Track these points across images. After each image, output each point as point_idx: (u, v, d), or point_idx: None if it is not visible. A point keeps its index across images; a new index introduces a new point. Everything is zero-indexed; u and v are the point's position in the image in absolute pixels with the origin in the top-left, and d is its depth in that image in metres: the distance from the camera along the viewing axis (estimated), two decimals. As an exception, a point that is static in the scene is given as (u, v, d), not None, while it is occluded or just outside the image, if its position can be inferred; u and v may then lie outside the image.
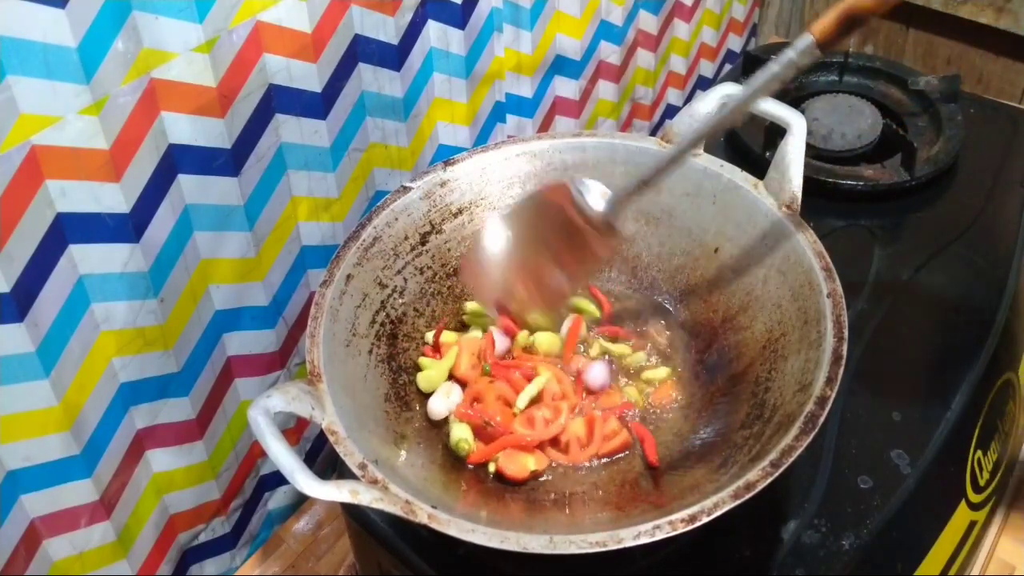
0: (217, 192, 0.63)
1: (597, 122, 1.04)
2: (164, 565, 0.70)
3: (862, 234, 0.77)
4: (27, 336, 0.53)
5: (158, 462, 0.67)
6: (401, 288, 0.62)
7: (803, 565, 0.55)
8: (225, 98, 0.60)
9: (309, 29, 0.64)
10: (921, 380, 0.66)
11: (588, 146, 0.67)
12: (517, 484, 0.56)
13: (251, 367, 0.73)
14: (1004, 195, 0.81)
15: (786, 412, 0.50)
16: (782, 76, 0.52)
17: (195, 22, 0.56)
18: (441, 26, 0.77)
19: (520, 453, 0.56)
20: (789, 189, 0.60)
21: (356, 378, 0.56)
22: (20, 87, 0.48)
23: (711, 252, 0.64)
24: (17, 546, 0.57)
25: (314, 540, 0.79)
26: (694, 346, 0.63)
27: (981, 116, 0.90)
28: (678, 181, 0.65)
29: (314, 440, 0.83)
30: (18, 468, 0.56)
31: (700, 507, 0.44)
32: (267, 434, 0.45)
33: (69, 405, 0.57)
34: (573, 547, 0.43)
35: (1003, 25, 1.14)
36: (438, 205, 0.65)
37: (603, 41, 0.99)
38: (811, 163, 0.81)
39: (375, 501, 0.44)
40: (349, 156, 0.73)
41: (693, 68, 1.20)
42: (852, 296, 0.70)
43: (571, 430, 0.58)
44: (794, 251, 0.58)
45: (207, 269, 0.65)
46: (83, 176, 0.53)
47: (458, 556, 0.56)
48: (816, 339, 0.53)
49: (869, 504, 0.58)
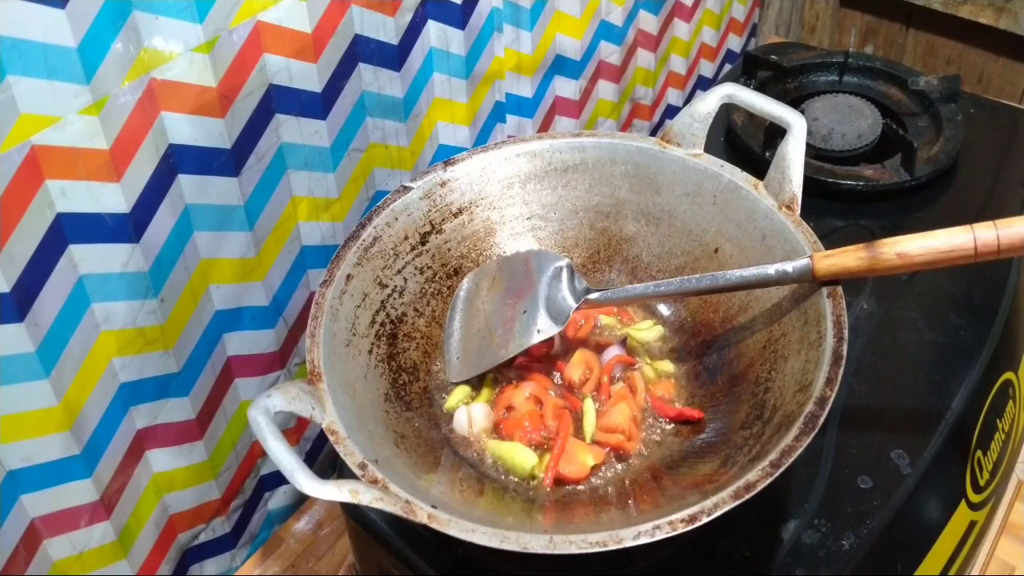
0: (217, 192, 0.63)
1: (597, 122, 1.04)
2: (164, 565, 0.70)
3: (862, 234, 0.77)
4: (27, 336, 0.53)
5: (158, 462, 0.67)
6: (401, 288, 0.62)
7: (803, 565, 0.55)
8: (225, 98, 0.60)
9: (309, 29, 0.64)
10: (921, 380, 0.66)
11: (588, 146, 0.67)
12: (575, 484, 0.55)
13: (251, 367, 0.73)
14: (1004, 195, 0.81)
15: (786, 412, 0.50)
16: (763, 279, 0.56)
17: (195, 22, 0.56)
18: (441, 26, 0.77)
19: (575, 451, 0.56)
20: (789, 189, 0.60)
21: (356, 378, 0.56)
22: (20, 87, 0.48)
23: (711, 252, 0.64)
24: (17, 546, 0.57)
25: (314, 540, 0.79)
26: (694, 346, 0.63)
27: (981, 116, 0.90)
28: (678, 181, 0.65)
29: (314, 440, 0.83)
30: (18, 468, 0.56)
31: (700, 507, 0.44)
32: (267, 434, 0.45)
33: (69, 405, 0.57)
34: (573, 547, 0.43)
35: (1003, 25, 1.14)
36: (438, 205, 0.65)
37: (603, 41, 0.99)
38: (811, 163, 0.81)
39: (375, 501, 0.44)
40: (349, 156, 0.73)
41: (693, 68, 1.20)
42: (852, 296, 0.70)
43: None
44: (794, 251, 0.57)
45: (207, 269, 0.65)
46: (83, 176, 0.53)
47: (458, 556, 0.56)
48: (816, 339, 0.53)
49: (869, 504, 0.58)
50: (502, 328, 0.61)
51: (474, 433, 0.59)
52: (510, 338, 0.60)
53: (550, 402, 0.59)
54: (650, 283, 0.60)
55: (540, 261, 0.62)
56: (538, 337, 0.59)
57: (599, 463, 0.56)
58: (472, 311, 0.64)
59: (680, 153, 0.65)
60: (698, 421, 0.58)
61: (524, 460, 0.56)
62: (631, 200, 0.67)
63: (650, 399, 0.60)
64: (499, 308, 0.62)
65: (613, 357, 0.62)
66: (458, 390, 0.61)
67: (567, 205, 0.68)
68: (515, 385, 0.60)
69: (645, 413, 0.60)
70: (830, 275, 0.54)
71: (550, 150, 0.67)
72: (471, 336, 0.62)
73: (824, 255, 0.54)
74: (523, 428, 0.58)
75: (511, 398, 0.59)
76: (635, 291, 0.60)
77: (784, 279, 0.55)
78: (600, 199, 0.68)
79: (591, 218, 0.68)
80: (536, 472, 0.56)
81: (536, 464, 0.56)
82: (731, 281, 0.56)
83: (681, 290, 0.58)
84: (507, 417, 0.59)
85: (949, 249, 0.51)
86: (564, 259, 0.62)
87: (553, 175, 0.67)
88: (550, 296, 0.60)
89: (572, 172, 0.67)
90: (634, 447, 0.57)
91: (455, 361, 0.62)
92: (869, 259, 0.52)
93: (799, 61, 0.95)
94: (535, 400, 0.59)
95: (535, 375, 0.61)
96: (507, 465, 0.56)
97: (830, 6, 1.33)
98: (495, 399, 0.60)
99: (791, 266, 0.55)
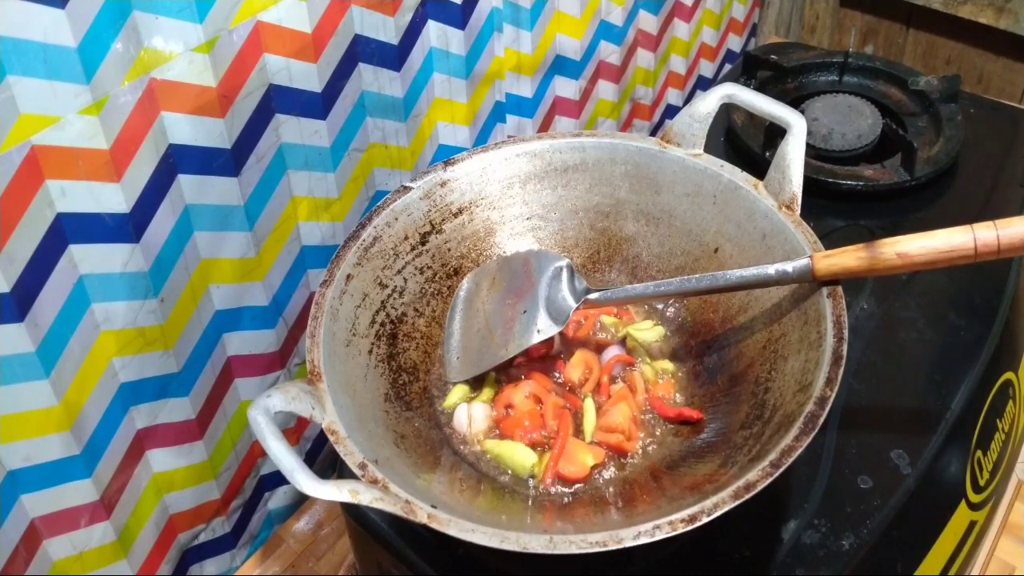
0: (217, 192, 0.63)
1: (597, 122, 1.04)
2: (164, 565, 0.70)
3: (862, 234, 0.77)
4: (27, 336, 0.53)
5: (158, 462, 0.67)
6: (401, 288, 0.62)
7: (803, 565, 0.55)
8: (225, 98, 0.60)
9: (309, 29, 0.64)
10: (921, 380, 0.66)
11: (588, 146, 0.67)
12: (575, 484, 0.55)
13: (251, 367, 0.73)
14: (1004, 195, 0.81)
15: (786, 412, 0.50)
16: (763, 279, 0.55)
17: (195, 22, 0.56)
18: (441, 26, 0.77)
19: (575, 451, 0.56)
20: (789, 189, 0.60)
21: (356, 378, 0.56)
22: (20, 87, 0.48)
23: (711, 252, 0.64)
24: (17, 546, 0.57)
25: (314, 540, 0.79)
26: (694, 346, 0.63)
27: (981, 116, 0.90)
28: (678, 181, 0.65)
29: (314, 440, 0.83)
30: (18, 468, 0.56)
31: (700, 507, 0.44)
32: (267, 434, 0.45)
33: (69, 405, 0.57)
34: (573, 547, 0.43)
35: (1003, 25, 1.14)
36: (438, 205, 0.65)
37: (603, 41, 0.99)
38: (811, 163, 0.81)
39: (375, 501, 0.44)
40: (349, 156, 0.73)
41: (693, 68, 1.20)
42: (852, 296, 0.70)
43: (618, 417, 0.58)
44: (794, 251, 0.57)
45: (207, 269, 0.65)
46: (83, 176, 0.53)
47: (458, 556, 0.56)
48: (816, 339, 0.53)
49: (869, 504, 0.58)
50: (502, 328, 0.61)
51: (474, 433, 0.59)
52: (510, 338, 0.60)
53: (550, 401, 0.59)
54: (650, 283, 0.60)
55: (540, 261, 0.62)
56: (538, 337, 0.59)
57: (599, 463, 0.56)
58: (472, 311, 0.64)
59: (680, 153, 0.65)
60: (697, 422, 0.58)
61: (523, 459, 0.56)
62: (631, 200, 0.67)
63: (650, 399, 0.60)
64: (499, 308, 0.62)
65: (613, 357, 0.62)
66: (457, 389, 0.61)
67: (567, 205, 0.68)
68: (515, 384, 0.60)
69: (645, 413, 0.60)
70: (830, 275, 0.54)
71: (550, 150, 0.67)
72: (471, 336, 0.63)
73: (824, 255, 0.54)
74: (523, 427, 0.58)
75: (511, 397, 0.59)
76: (635, 291, 0.60)
77: (784, 279, 0.55)
78: (600, 199, 0.68)
79: (591, 218, 0.68)
80: (536, 471, 0.56)
81: (535, 463, 0.56)
82: (731, 281, 0.56)
83: (681, 290, 0.58)
84: (507, 416, 0.59)
85: (949, 249, 0.51)
86: (564, 259, 0.62)
87: (553, 175, 0.67)
88: (550, 296, 0.60)
89: (572, 172, 0.67)
90: (634, 447, 0.57)
91: (455, 361, 0.62)
92: (869, 259, 0.53)
93: (799, 61, 0.95)
94: (535, 399, 0.59)
95: (535, 375, 0.61)
96: (506, 464, 0.56)
97: (830, 6, 1.33)
98: (495, 398, 0.60)
99: (791, 266, 0.55)
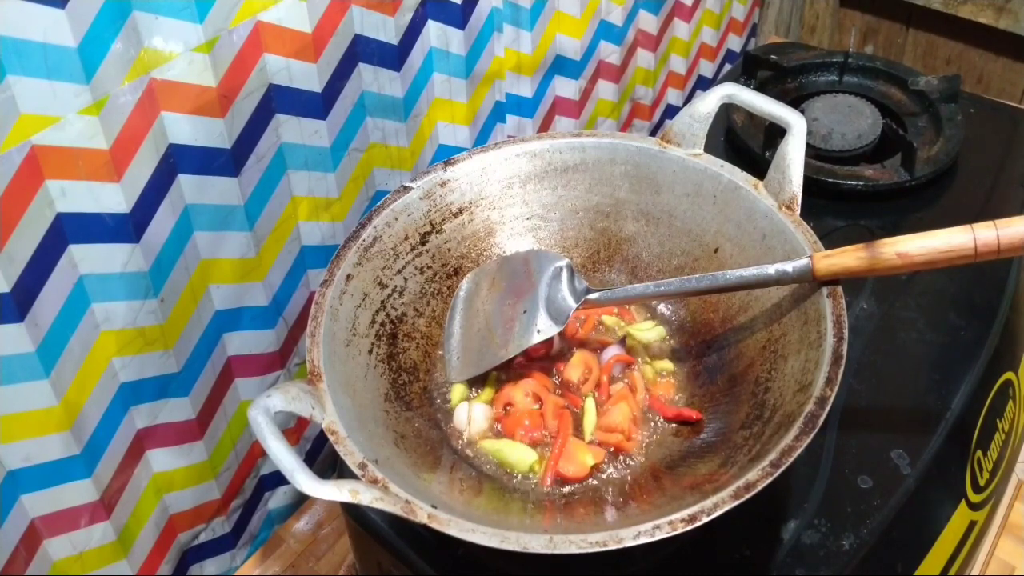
0: (217, 192, 0.63)
1: (597, 122, 1.04)
2: (164, 565, 0.70)
3: (862, 234, 0.77)
4: (27, 336, 0.53)
5: (158, 462, 0.67)
6: (401, 288, 0.62)
7: (803, 565, 0.55)
8: (225, 98, 0.60)
9: (309, 29, 0.64)
10: (921, 380, 0.66)
11: (588, 146, 0.67)
12: (574, 483, 0.55)
13: (251, 367, 0.73)
14: (1004, 195, 0.81)
15: (786, 412, 0.50)
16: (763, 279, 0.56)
17: (195, 22, 0.56)
18: (441, 26, 0.77)
19: (575, 451, 0.56)
20: (789, 189, 0.60)
21: (356, 378, 0.56)
22: (20, 87, 0.48)
23: (711, 252, 0.64)
24: (17, 546, 0.57)
25: (314, 540, 0.79)
26: (694, 346, 0.63)
27: (981, 116, 0.90)
28: (678, 181, 0.65)
29: (314, 440, 0.83)
30: (18, 468, 0.56)
31: (700, 507, 0.44)
32: (267, 434, 0.45)
33: (69, 405, 0.57)
34: (573, 547, 0.43)
35: (1003, 25, 1.14)
36: (438, 205, 0.65)
37: (603, 41, 0.99)
38: (811, 163, 0.81)
39: (375, 501, 0.44)
40: (349, 156, 0.73)
41: (693, 68, 1.20)
42: (852, 296, 0.70)
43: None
44: (794, 251, 0.57)
45: (207, 269, 0.65)
46: (83, 176, 0.53)
47: (458, 556, 0.56)
48: (816, 339, 0.53)
49: (869, 504, 0.58)
50: (502, 328, 0.61)
51: (474, 432, 0.59)
52: (510, 338, 0.60)
53: (550, 400, 0.59)
54: (650, 283, 0.60)
55: (540, 261, 0.62)
56: (538, 337, 0.59)
57: (599, 463, 0.56)
58: (472, 311, 0.64)
59: (680, 153, 0.65)
60: (697, 422, 0.58)
61: (523, 458, 0.56)
62: (631, 200, 0.67)
63: (650, 399, 0.60)
64: (499, 308, 0.62)
65: (612, 357, 0.62)
66: (457, 388, 0.61)
67: (567, 205, 0.68)
68: (515, 383, 0.60)
69: (645, 413, 0.60)
70: (830, 275, 0.54)
71: (550, 150, 0.67)
72: (471, 336, 0.63)
73: (824, 255, 0.54)
74: (523, 426, 0.58)
75: (511, 395, 0.59)
76: (635, 291, 0.60)
77: (784, 279, 0.55)
78: (600, 199, 0.68)
79: (591, 218, 0.68)
80: (536, 470, 0.56)
81: (535, 461, 0.56)
82: (731, 281, 0.56)
83: (681, 290, 0.58)
84: (507, 415, 0.59)
85: (949, 249, 0.51)
86: (564, 259, 0.62)
87: (553, 175, 0.67)
88: (550, 296, 0.60)
89: (572, 172, 0.67)
90: (633, 447, 0.57)
91: (455, 361, 0.62)
92: (869, 259, 0.53)
93: (799, 61, 0.95)
94: (535, 398, 0.59)
95: (535, 374, 0.61)
96: (506, 463, 0.56)
97: (830, 6, 1.33)
98: (495, 397, 0.60)
99: (791, 266, 0.55)
